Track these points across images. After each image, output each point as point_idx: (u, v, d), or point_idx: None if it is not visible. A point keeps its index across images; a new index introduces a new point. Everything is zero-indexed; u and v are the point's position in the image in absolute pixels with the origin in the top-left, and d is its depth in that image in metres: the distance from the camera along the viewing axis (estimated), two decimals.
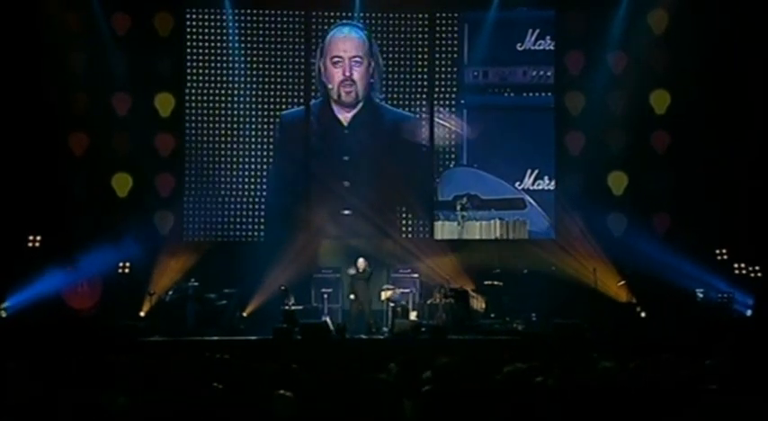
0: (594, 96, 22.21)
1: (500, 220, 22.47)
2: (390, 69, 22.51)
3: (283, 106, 22.37)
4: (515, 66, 22.60)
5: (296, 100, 22.46)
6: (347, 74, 22.17)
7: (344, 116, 22.39)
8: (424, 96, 22.59)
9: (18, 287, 19.90)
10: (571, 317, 19.33)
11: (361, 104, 22.38)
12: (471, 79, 22.64)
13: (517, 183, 22.43)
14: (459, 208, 22.41)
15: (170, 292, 20.48)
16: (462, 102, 22.63)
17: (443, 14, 22.61)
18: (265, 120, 22.33)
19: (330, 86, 22.22)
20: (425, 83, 22.58)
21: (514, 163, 22.48)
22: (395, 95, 22.52)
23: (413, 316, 20.03)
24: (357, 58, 22.27)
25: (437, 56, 22.61)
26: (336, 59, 22.20)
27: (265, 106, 22.32)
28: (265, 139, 22.33)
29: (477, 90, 22.66)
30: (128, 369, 8.62)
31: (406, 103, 22.54)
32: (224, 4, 22.09)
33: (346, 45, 22.31)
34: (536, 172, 22.39)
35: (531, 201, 22.45)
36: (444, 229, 22.49)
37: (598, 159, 22.24)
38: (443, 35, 22.64)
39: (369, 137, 22.38)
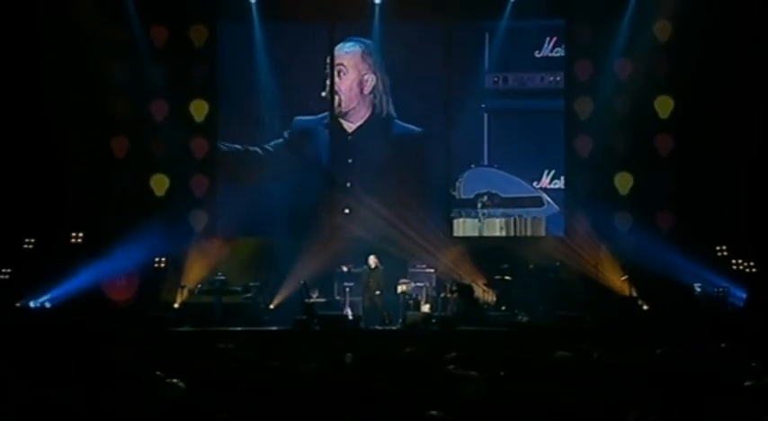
0: (602, 101, 22.86)
1: (519, 218, 23.28)
2: (411, 76, 23.19)
3: (305, 112, 23.26)
4: (534, 72, 23.31)
5: (317, 106, 23.30)
6: (328, 82, 23.12)
7: (349, 126, 23.33)
8: (446, 101, 23.34)
9: (61, 280, 20.96)
10: (575, 309, 20.16)
11: (366, 116, 23.27)
12: (491, 84, 23.37)
13: (534, 183, 23.17)
14: (480, 205, 23.24)
15: (199, 286, 21.44)
16: (483, 106, 23.32)
17: (462, 24, 23.33)
18: (290, 124, 23.20)
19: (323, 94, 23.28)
20: (447, 88, 23.31)
21: (531, 163, 23.23)
22: (417, 101, 23.28)
23: (425, 308, 20.87)
24: (341, 67, 23.18)
25: (458, 63, 23.34)
26: (327, 69, 23.17)
27: (290, 112, 23.16)
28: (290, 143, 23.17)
29: (497, 95, 23.34)
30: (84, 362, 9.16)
31: (429, 108, 23.31)
32: (253, 16, 22.91)
33: (337, 55, 23.24)
34: (552, 172, 23.14)
35: (549, 199, 23.24)
36: (466, 226, 23.33)
37: (605, 161, 22.94)
38: (464, 43, 23.43)
39: (373, 146, 23.18)
